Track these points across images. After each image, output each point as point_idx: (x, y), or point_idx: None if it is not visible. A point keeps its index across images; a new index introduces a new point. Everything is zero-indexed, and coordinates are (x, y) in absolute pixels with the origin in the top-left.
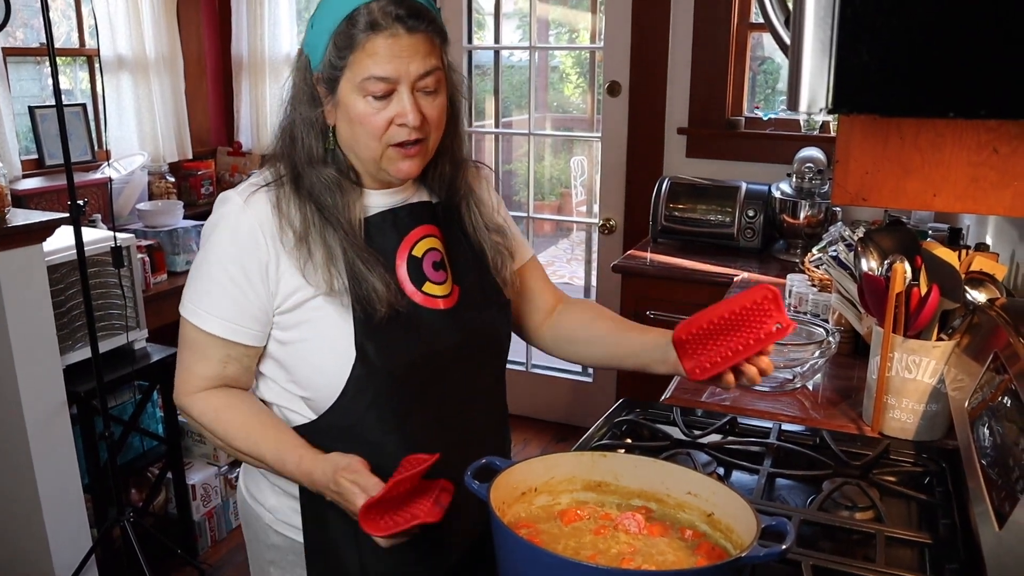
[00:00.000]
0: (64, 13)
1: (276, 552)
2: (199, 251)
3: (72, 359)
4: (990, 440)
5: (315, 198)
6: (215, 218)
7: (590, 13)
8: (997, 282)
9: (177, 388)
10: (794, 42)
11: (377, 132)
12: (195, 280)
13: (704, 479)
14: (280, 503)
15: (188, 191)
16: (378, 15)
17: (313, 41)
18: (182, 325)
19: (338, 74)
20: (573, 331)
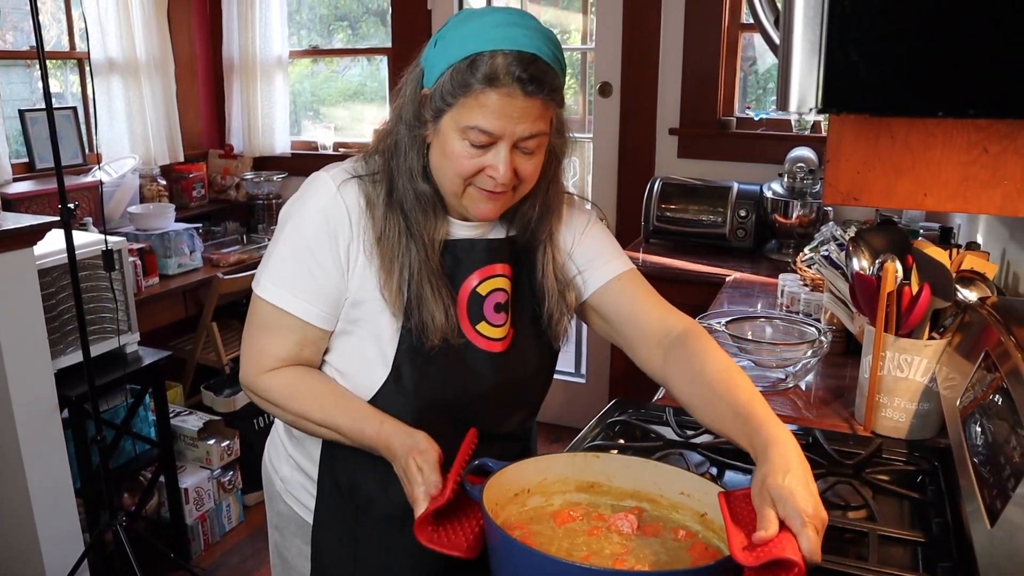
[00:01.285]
0: (54, 16)
1: (280, 519)
2: (279, 230)
3: (63, 363)
4: (981, 438)
5: (404, 210)
6: (303, 198)
7: (581, 14)
8: (988, 281)
9: (247, 369)
10: (784, 42)
11: (465, 174)
12: (275, 260)
13: (696, 479)
14: (292, 476)
15: (180, 194)
16: (500, 71)
17: (433, 60)
18: (256, 305)
19: (444, 107)
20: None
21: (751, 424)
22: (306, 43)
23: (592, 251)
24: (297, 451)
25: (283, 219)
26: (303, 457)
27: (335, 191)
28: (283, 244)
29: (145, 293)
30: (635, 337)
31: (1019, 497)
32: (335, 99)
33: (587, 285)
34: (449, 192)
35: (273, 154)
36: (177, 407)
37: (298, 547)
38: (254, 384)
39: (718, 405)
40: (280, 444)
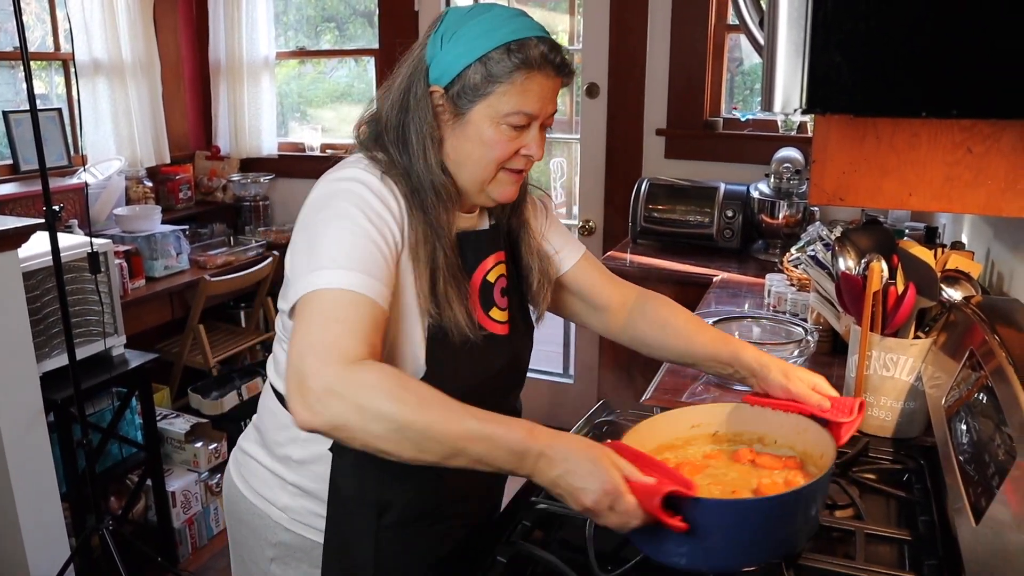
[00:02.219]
0: (38, 16)
1: (282, 549)
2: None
3: (49, 366)
4: (967, 437)
5: (425, 209)
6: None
7: (568, 15)
8: (972, 280)
9: (326, 367)
10: (768, 43)
11: (502, 158)
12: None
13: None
14: (297, 503)
15: (166, 196)
16: (539, 56)
17: (446, 57)
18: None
19: (477, 97)
20: (647, 335)
21: (732, 344)
22: (293, 44)
23: (561, 235)
24: (301, 476)
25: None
26: (310, 480)
27: (380, 176)
28: (333, 225)
29: (131, 295)
30: (602, 306)
31: (1003, 495)
32: (322, 100)
33: (563, 264)
34: (477, 181)
35: (260, 155)
36: (164, 410)
37: (305, 571)
38: (345, 381)
39: (696, 337)
40: (271, 475)
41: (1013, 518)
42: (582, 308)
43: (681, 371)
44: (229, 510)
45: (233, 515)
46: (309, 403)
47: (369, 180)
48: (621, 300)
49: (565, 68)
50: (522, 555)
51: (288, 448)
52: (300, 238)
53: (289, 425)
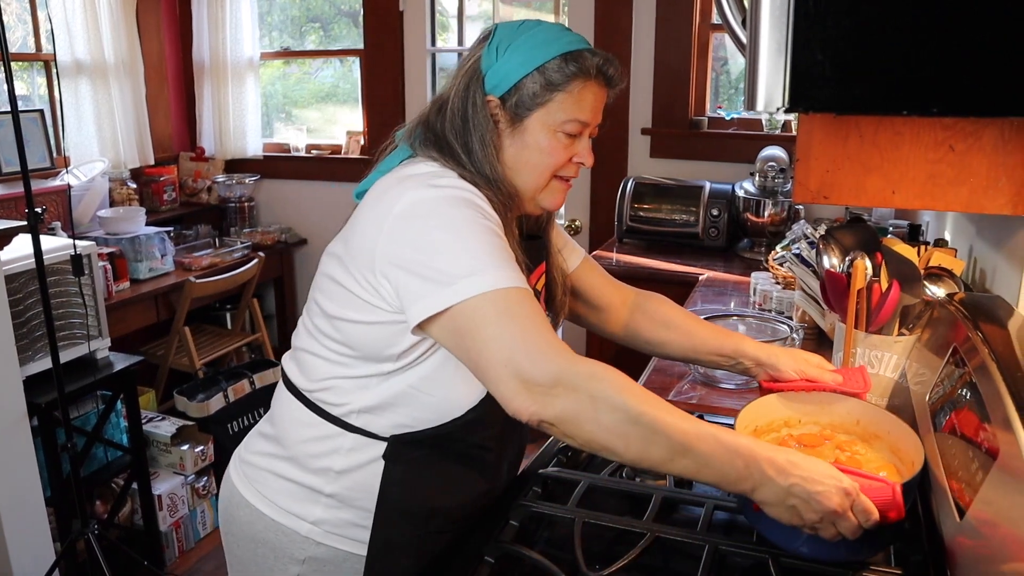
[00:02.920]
0: (19, 17)
1: (311, 564)
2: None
3: (32, 370)
4: (950, 433)
5: (508, 227)
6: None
7: (553, 15)
8: (956, 277)
9: (544, 353)
10: (751, 42)
11: (557, 165)
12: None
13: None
14: (333, 515)
15: (150, 197)
16: (593, 67)
17: (503, 68)
18: (491, 300)
19: (534, 106)
20: (648, 331)
21: (733, 338)
22: (277, 44)
23: (562, 237)
24: (341, 486)
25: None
26: (350, 490)
27: (479, 195)
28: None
29: (116, 298)
30: (603, 306)
31: (986, 490)
32: (307, 101)
33: (568, 266)
34: (532, 188)
35: (245, 156)
36: (149, 413)
37: None
38: (575, 372)
39: (698, 332)
40: (299, 488)
41: (996, 513)
42: (583, 309)
43: (668, 370)
44: (236, 530)
45: (243, 535)
46: (536, 396)
47: (470, 188)
48: (621, 300)
49: (616, 79)
50: (510, 555)
51: (327, 459)
52: (415, 250)
53: (328, 436)
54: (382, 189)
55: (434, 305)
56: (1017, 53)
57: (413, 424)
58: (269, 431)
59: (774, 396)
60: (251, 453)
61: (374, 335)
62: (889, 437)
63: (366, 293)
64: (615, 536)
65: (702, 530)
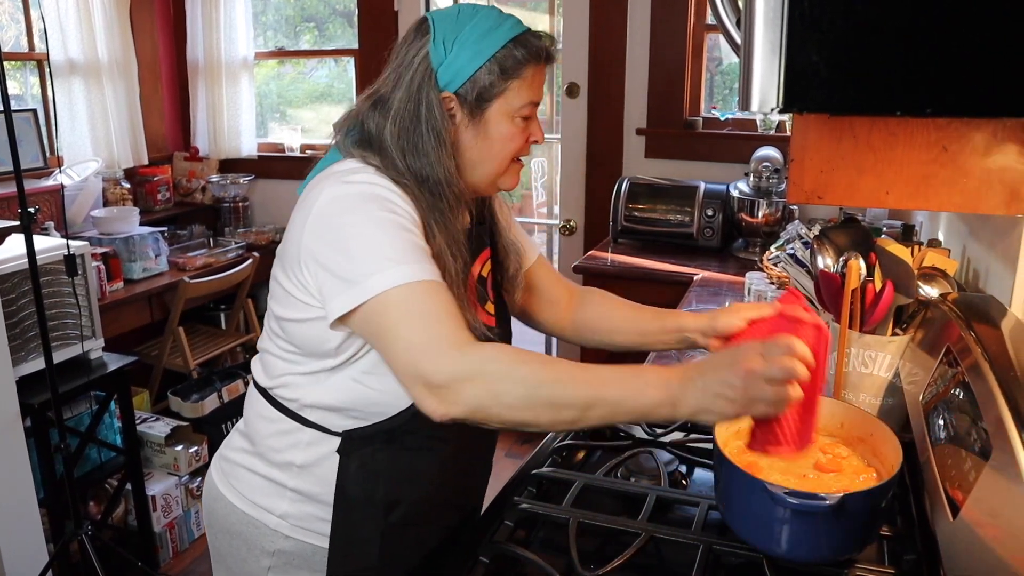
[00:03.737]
0: (12, 16)
1: (281, 557)
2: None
3: (25, 370)
4: (944, 432)
5: (447, 220)
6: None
7: (548, 15)
8: (949, 277)
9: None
10: (745, 43)
11: (518, 150)
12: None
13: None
14: (298, 509)
15: (144, 197)
16: (540, 48)
17: (454, 63)
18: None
19: (492, 96)
20: (594, 322)
21: (673, 314)
22: (272, 44)
23: (519, 230)
24: (303, 481)
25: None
26: (313, 484)
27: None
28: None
29: (109, 298)
30: (555, 300)
31: (979, 489)
32: (302, 101)
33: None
34: (492, 175)
35: (239, 156)
36: (143, 413)
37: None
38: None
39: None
40: (267, 483)
41: (989, 512)
42: (536, 303)
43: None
44: (215, 523)
45: (220, 527)
46: (442, 397)
47: (386, 183)
48: (569, 295)
49: (555, 56)
50: (505, 555)
51: (288, 454)
52: (328, 246)
53: (288, 431)
54: (308, 188)
55: (345, 303)
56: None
57: (364, 418)
58: (242, 427)
59: None
60: (228, 449)
61: (310, 332)
62: (871, 440)
63: (298, 291)
64: (610, 536)
65: (696, 530)
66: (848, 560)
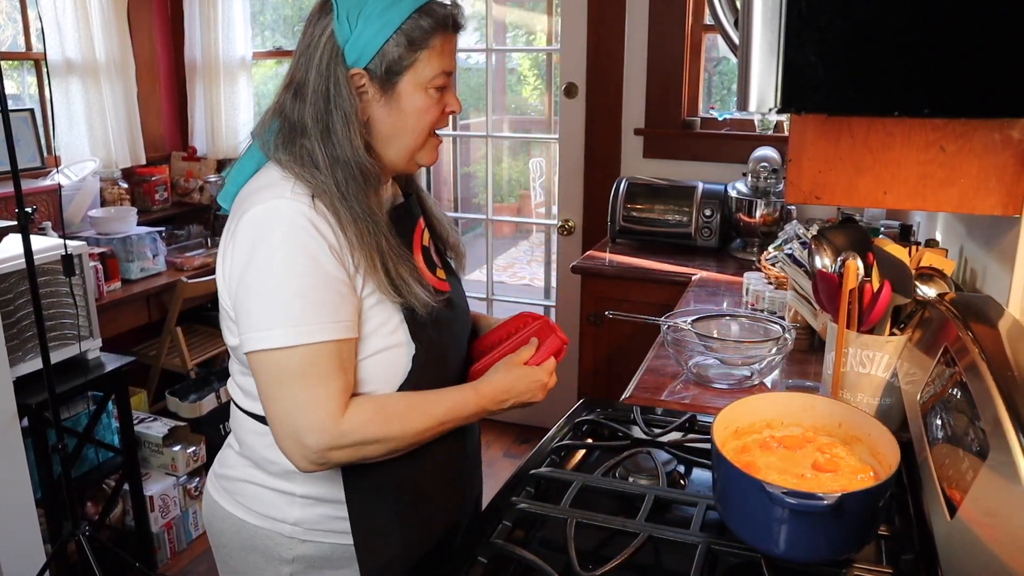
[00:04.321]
0: (9, 16)
1: (301, 563)
2: (256, 269)
3: (22, 370)
4: (941, 432)
5: (357, 203)
6: (271, 226)
7: (547, 15)
8: (946, 277)
9: (316, 431)
10: (743, 43)
11: (434, 123)
12: (276, 306)
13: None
14: (311, 513)
15: (142, 197)
16: (446, 16)
17: (360, 38)
18: (279, 360)
19: (401, 69)
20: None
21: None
22: (270, 44)
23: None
24: (311, 486)
25: (255, 258)
26: (321, 487)
27: (310, 211)
28: (279, 279)
29: (107, 298)
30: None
31: (977, 489)
32: None
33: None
34: (409, 150)
35: (237, 156)
36: (141, 413)
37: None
38: (340, 435)
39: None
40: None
41: (986, 512)
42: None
43: (660, 370)
44: (225, 542)
45: (233, 546)
46: (312, 459)
47: (301, 211)
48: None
49: (463, 22)
50: (503, 555)
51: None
52: (243, 284)
53: None
54: (235, 207)
55: (244, 344)
56: (1008, 55)
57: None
58: (235, 445)
59: (757, 397)
60: (224, 467)
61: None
62: (869, 440)
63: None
64: (608, 536)
65: (695, 530)
66: (846, 560)
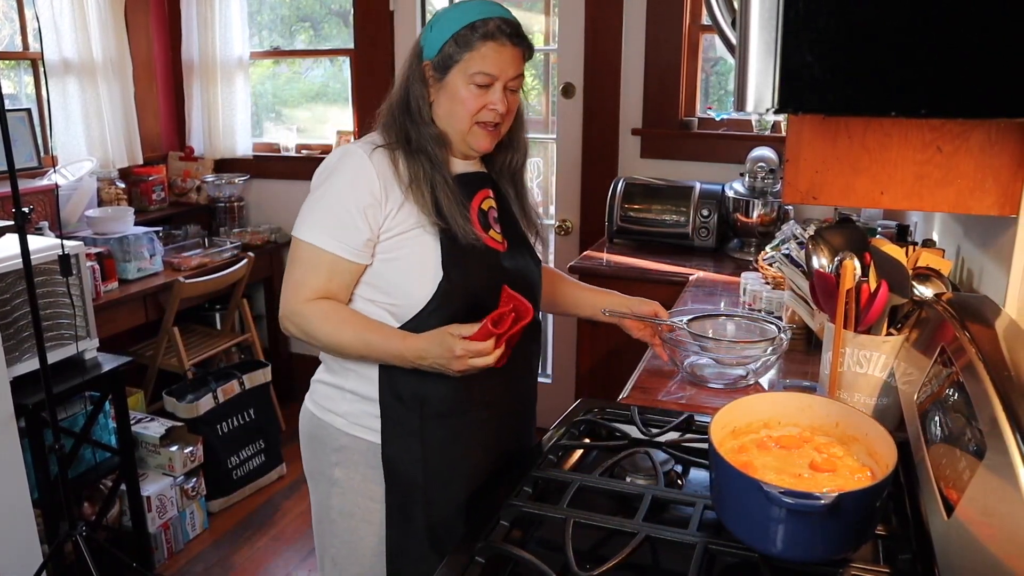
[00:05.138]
0: (6, 15)
1: (343, 453)
2: (315, 189)
3: (19, 370)
4: (938, 432)
5: (425, 151)
6: (336, 163)
7: (544, 15)
8: (943, 277)
9: (287, 301)
10: (740, 43)
11: (472, 111)
12: (313, 210)
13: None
14: (354, 408)
15: (139, 197)
16: (493, 29)
17: (432, 38)
18: (295, 246)
19: (452, 64)
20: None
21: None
22: (267, 44)
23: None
24: (357, 382)
25: (318, 180)
26: (363, 384)
27: (366, 158)
28: (320, 197)
29: (104, 298)
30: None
31: (974, 489)
32: (297, 100)
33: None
34: (458, 131)
35: (235, 156)
36: (138, 414)
37: (363, 472)
38: (294, 311)
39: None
40: (333, 389)
41: (983, 512)
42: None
43: (658, 371)
44: (303, 432)
45: (305, 435)
46: (283, 320)
47: (354, 163)
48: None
49: (518, 37)
50: (501, 555)
51: (347, 361)
52: (312, 188)
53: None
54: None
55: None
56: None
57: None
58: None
59: (754, 397)
60: (315, 377)
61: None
62: (866, 439)
63: None
64: (606, 536)
65: (692, 529)
66: (843, 559)
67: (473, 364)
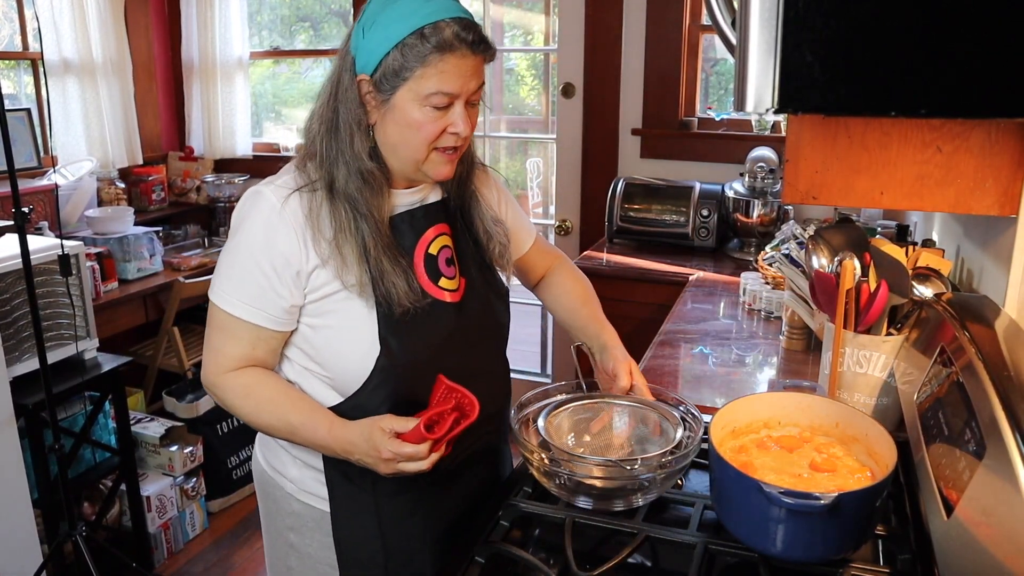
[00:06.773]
0: (6, 15)
1: (296, 519)
2: (229, 239)
3: (19, 371)
4: (938, 432)
5: (350, 197)
6: (247, 211)
7: (544, 15)
8: (943, 277)
9: (207, 369)
10: (740, 43)
11: (430, 138)
12: (225, 267)
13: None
14: (302, 474)
15: (139, 197)
16: (451, 37)
17: (368, 46)
18: (212, 309)
19: (399, 82)
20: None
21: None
22: (267, 44)
23: (516, 215)
24: (302, 450)
25: (232, 230)
26: (308, 454)
27: (278, 208)
28: (232, 255)
29: (104, 298)
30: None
31: (973, 488)
32: (297, 100)
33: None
34: (411, 161)
35: (234, 156)
36: (138, 414)
37: (320, 540)
38: (213, 383)
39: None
40: (281, 450)
41: (983, 512)
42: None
43: (658, 369)
44: (256, 482)
45: (259, 487)
46: (207, 390)
47: (264, 213)
48: (544, 267)
49: (481, 45)
50: (501, 555)
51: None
52: (226, 244)
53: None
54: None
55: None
56: (1005, 55)
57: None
58: None
59: (754, 397)
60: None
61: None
62: (866, 439)
63: None
64: (606, 536)
65: (692, 530)
66: (843, 559)
67: (403, 469)
